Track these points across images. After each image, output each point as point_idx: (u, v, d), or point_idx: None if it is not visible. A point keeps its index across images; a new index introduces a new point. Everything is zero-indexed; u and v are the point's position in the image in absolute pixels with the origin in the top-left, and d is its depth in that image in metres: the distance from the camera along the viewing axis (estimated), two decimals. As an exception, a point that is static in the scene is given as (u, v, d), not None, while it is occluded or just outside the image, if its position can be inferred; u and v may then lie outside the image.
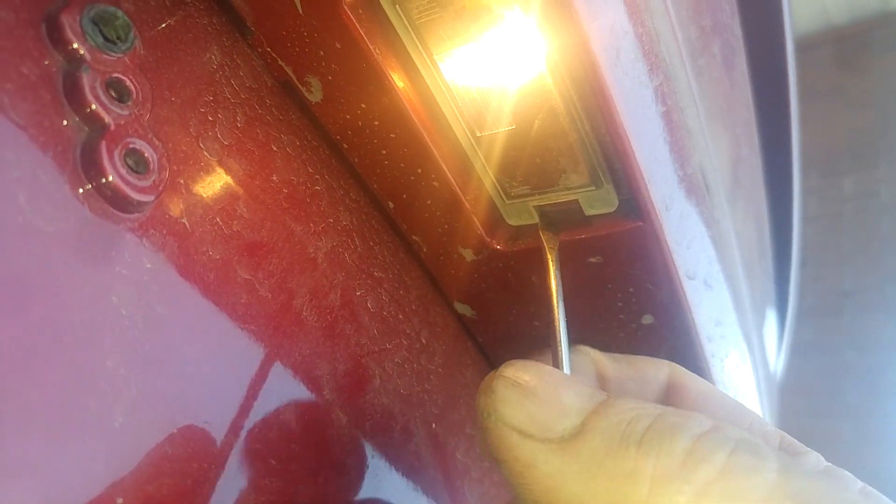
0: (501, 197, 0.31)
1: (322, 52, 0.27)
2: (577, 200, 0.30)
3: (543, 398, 0.21)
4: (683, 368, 0.29)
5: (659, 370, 0.29)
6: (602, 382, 0.30)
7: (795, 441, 0.26)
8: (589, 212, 0.30)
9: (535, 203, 0.31)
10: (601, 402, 0.21)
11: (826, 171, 2.60)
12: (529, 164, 0.29)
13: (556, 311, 0.29)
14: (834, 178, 2.64)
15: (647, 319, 0.34)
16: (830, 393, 2.46)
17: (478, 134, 0.29)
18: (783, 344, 0.85)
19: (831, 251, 2.56)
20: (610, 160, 0.29)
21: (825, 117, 2.59)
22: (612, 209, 0.30)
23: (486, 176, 0.30)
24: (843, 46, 2.65)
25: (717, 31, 0.44)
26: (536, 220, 0.31)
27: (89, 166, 0.20)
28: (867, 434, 2.31)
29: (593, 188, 0.29)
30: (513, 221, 0.32)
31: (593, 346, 0.38)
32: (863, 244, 2.56)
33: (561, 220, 0.31)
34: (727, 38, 0.46)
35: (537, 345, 0.38)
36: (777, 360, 0.81)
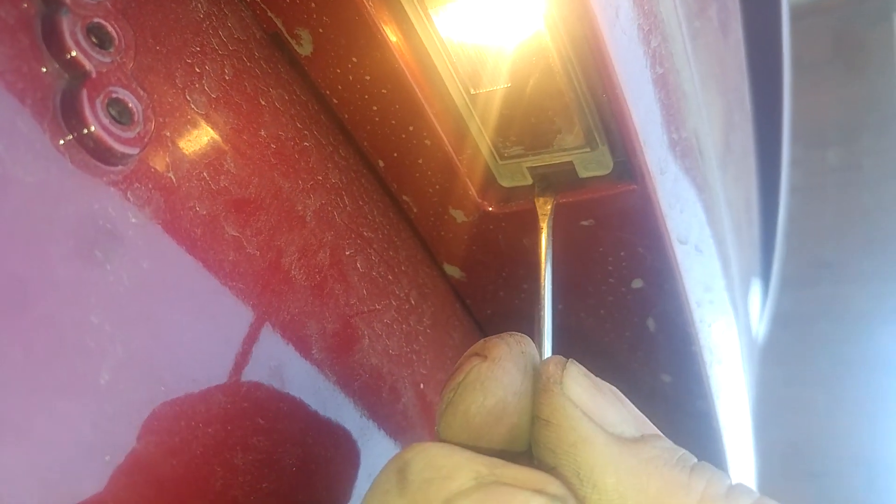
0: (494, 157, 0.30)
1: (313, 4, 0.26)
2: (571, 162, 0.29)
3: (611, 399, 0.22)
4: None
5: None
6: None
7: None
8: (583, 174, 0.29)
9: (529, 164, 0.30)
10: (656, 433, 0.22)
11: (810, 142, 2.61)
12: (524, 124, 0.29)
13: (543, 290, 0.28)
14: (818, 150, 2.66)
15: (637, 283, 0.34)
16: (804, 362, 2.51)
17: (472, 91, 0.28)
18: (765, 312, 0.86)
19: (812, 222, 2.59)
20: (606, 121, 0.28)
21: (813, 89, 2.59)
22: (607, 171, 0.29)
23: (480, 135, 0.30)
24: (834, 17, 2.64)
25: (715, -6, 0.44)
26: (530, 181, 0.31)
27: (70, 116, 0.19)
28: (839, 402, 2.37)
29: (588, 150, 0.29)
30: (505, 183, 0.32)
31: (582, 310, 0.38)
32: (844, 216, 2.59)
33: (554, 182, 0.30)
34: (724, 2, 0.45)
35: (525, 307, 0.38)
36: (758, 327, 0.83)
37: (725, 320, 0.44)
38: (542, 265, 0.29)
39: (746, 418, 0.60)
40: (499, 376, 0.22)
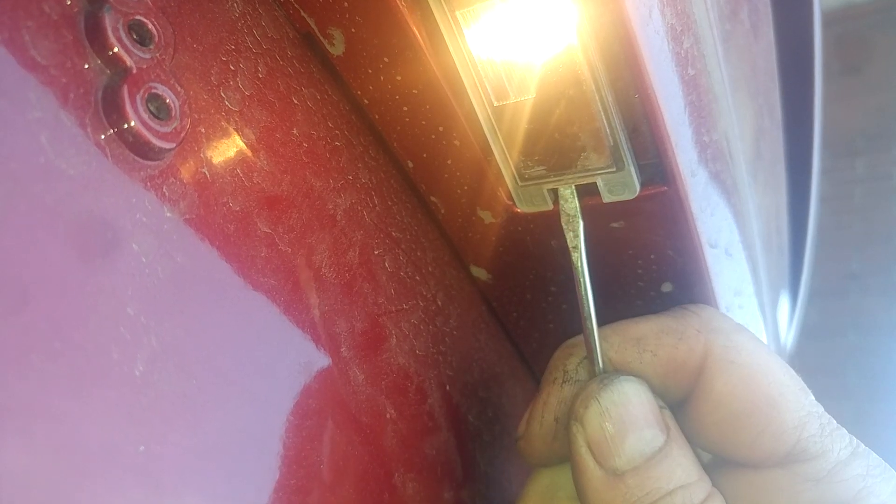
0: (515, 179, 0.29)
1: (346, 4, 0.26)
2: (594, 184, 0.28)
3: (613, 433, 0.26)
4: (721, 344, 0.28)
5: (690, 354, 0.28)
6: None
7: (815, 434, 0.26)
8: (607, 198, 0.28)
9: (550, 186, 0.29)
10: (651, 457, 0.26)
11: (839, 151, 2.57)
12: (548, 140, 0.28)
13: (585, 300, 0.28)
14: (846, 159, 2.62)
15: (667, 287, 0.34)
16: (831, 374, 2.47)
17: (495, 104, 0.28)
18: (794, 322, 0.84)
19: (840, 232, 2.55)
20: (635, 128, 0.28)
21: (840, 97, 2.55)
22: (633, 196, 0.28)
23: (503, 153, 0.29)
24: (863, 25, 2.60)
25: (746, -3, 0.43)
26: (550, 206, 0.30)
27: (111, 110, 0.20)
28: (867, 414, 2.32)
29: (613, 170, 0.27)
30: (524, 207, 0.30)
31: (611, 314, 0.37)
32: (872, 226, 2.54)
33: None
34: (755, 4, 0.45)
35: (551, 310, 0.38)
36: (786, 337, 0.81)
37: (754, 326, 0.43)
38: (578, 268, 0.28)
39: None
40: None
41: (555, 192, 0.29)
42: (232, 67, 0.24)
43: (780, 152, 0.59)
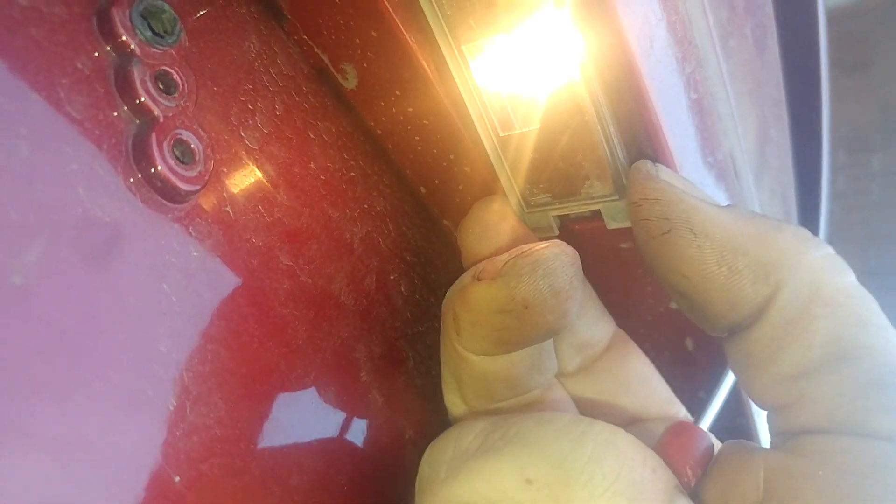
0: (522, 206, 0.30)
1: (358, 40, 0.27)
2: (598, 211, 0.29)
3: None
4: None
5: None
6: None
7: None
8: (611, 225, 0.29)
9: (556, 213, 0.30)
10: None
11: (854, 147, 2.55)
12: (553, 169, 0.28)
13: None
14: (862, 155, 2.59)
15: (675, 304, 0.34)
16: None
17: (501, 134, 0.28)
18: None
19: (857, 229, 2.52)
20: (641, 150, 0.29)
21: (854, 92, 2.53)
22: None
23: (508, 180, 0.30)
24: (876, 20, 2.58)
25: (750, 12, 0.44)
26: (556, 232, 0.30)
27: (140, 158, 0.21)
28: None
29: (617, 198, 0.28)
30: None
31: (621, 329, 0.38)
32: (890, 222, 2.52)
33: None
34: (759, 19, 0.45)
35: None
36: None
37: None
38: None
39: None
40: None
41: (559, 219, 0.30)
42: (251, 107, 0.26)
43: (788, 158, 0.59)
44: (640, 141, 0.29)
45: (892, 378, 0.21)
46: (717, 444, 0.29)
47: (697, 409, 0.43)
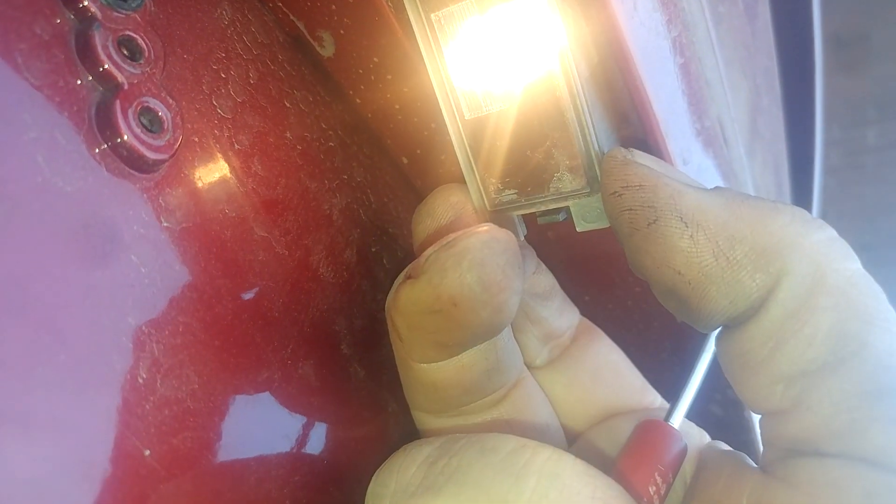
0: (484, 203, 0.27)
1: (334, 6, 0.27)
2: (567, 208, 0.26)
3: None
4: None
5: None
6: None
7: None
8: (581, 226, 0.26)
9: (522, 212, 0.27)
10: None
11: (849, 121, 2.54)
12: (521, 158, 0.25)
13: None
14: (857, 129, 2.58)
15: (663, 303, 0.34)
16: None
17: (467, 117, 0.26)
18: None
19: (852, 203, 2.52)
20: (626, 116, 0.28)
21: (848, 66, 2.51)
22: (607, 225, 0.25)
23: (469, 168, 0.27)
24: (871, -9, 2.55)
25: (740, -23, 0.43)
26: (520, 238, 0.28)
27: (104, 126, 0.20)
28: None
29: (588, 192, 0.25)
30: None
31: (609, 301, 0.38)
32: (885, 196, 2.52)
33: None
34: (749, -15, 0.44)
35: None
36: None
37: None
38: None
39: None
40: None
41: (525, 224, 0.28)
42: (223, 75, 0.25)
43: (781, 129, 0.59)
44: (624, 106, 0.28)
45: (893, 385, 0.20)
46: (695, 434, 0.28)
47: (672, 396, 0.43)
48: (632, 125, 0.29)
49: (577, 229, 0.26)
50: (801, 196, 0.70)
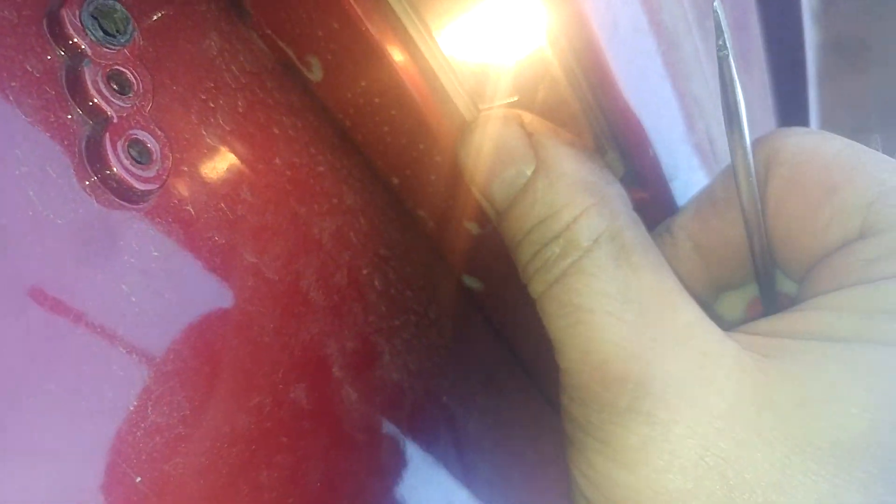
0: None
1: (320, 32, 0.27)
2: None
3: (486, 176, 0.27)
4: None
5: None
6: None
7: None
8: None
9: None
10: (517, 195, 0.26)
11: (852, 128, 2.53)
12: None
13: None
14: (861, 136, 2.57)
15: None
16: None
17: (480, 107, 0.29)
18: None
19: (857, 209, 2.51)
20: (614, 129, 0.28)
21: (850, 73, 2.51)
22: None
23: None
24: (870, -3, 2.56)
25: (727, -8, 0.43)
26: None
27: (94, 159, 0.21)
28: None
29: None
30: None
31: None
32: (890, 201, 2.50)
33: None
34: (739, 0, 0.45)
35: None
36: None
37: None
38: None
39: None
40: None
41: None
42: (212, 105, 0.25)
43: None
44: (612, 118, 0.28)
45: None
46: None
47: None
48: (619, 141, 0.29)
49: None
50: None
